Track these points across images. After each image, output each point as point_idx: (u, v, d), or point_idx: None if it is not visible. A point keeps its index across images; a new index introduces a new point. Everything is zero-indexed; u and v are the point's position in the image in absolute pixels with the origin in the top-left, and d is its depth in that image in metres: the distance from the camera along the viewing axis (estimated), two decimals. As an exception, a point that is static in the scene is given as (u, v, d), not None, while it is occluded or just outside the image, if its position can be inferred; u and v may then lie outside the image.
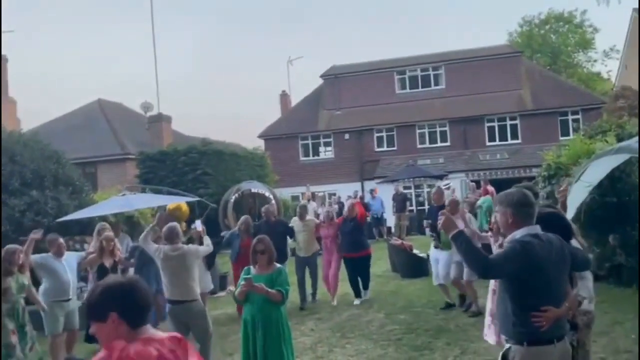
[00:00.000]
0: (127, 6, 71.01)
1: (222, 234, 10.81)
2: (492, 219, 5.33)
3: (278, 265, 4.91)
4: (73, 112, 24.80)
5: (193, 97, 64.67)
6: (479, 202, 12.74)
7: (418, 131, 24.48)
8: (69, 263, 6.56)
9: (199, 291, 5.88)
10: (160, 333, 2.02)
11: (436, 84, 25.70)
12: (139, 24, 59.35)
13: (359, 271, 8.72)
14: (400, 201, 17.10)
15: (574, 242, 3.48)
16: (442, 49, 27.16)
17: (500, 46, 27.62)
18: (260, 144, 25.78)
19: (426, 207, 21.89)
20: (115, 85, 60.84)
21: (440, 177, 19.02)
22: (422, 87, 25.69)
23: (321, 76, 27.24)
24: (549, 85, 24.47)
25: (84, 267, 7.16)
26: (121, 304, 1.93)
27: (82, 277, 7.89)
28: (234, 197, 16.16)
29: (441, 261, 7.73)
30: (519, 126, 23.63)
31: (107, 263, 6.86)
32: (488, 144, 23.73)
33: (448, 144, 24.06)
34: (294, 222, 9.09)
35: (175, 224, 5.98)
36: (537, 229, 2.91)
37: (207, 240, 6.53)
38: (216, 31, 72.99)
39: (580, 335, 3.64)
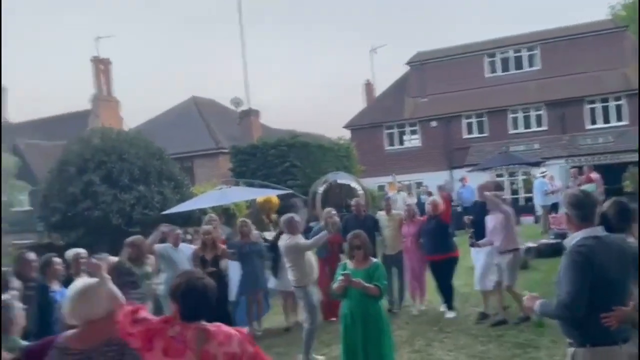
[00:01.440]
0: (217, 5, 73.85)
1: (311, 224, 10.99)
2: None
3: (374, 260, 4.93)
4: (170, 110, 26.29)
5: (278, 89, 66.21)
6: (581, 191, 11.96)
7: (510, 116, 23.37)
8: (184, 253, 6.92)
9: (305, 280, 6.18)
10: (198, 326, 2.42)
11: (531, 65, 24.33)
12: (228, 25, 61.53)
13: (439, 278, 7.59)
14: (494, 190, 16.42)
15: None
16: (536, 28, 25.57)
17: (602, 21, 25.42)
18: (345, 134, 25.90)
19: (521, 195, 20.97)
20: (207, 82, 63.72)
21: (537, 164, 18.06)
22: (514, 70, 24.43)
23: (407, 63, 26.78)
24: (659, 61, 22.31)
25: (193, 259, 7.41)
26: (180, 301, 2.46)
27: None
28: (321, 189, 16.38)
29: (478, 264, 7.12)
30: (624, 107, 21.82)
31: (208, 256, 6.95)
32: (589, 127, 22.13)
33: (544, 128, 22.74)
34: (380, 216, 8.40)
35: (293, 215, 6.50)
36: (598, 230, 2.89)
37: (320, 235, 6.57)
38: (300, 23, 73.99)
39: None
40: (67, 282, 5.54)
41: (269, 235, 9.03)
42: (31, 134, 26.50)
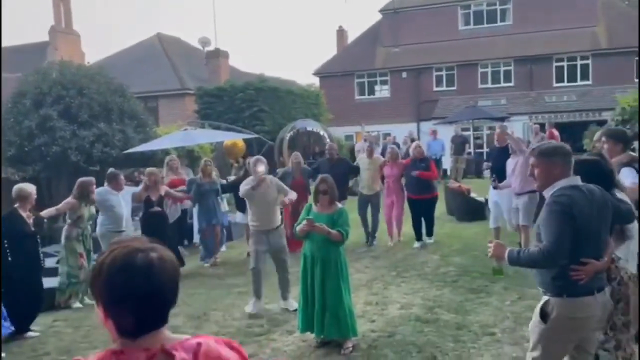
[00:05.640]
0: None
1: (277, 171, 10.99)
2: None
3: (339, 205, 4.94)
4: (134, 46, 25.23)
5: (249, 32, 64.22)
6: (542, 147, 12.23)
7: (480, 70, 23.45)
8: (124, 197, 6.94)
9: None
10: (154, 342, 1.30)
11: (502, 19, 24.25)
12: (195, -44, 58.54)
13: (424, 214, 8.47)
14: (460, 144, 16.71)
15: (618, 194, 3.29)
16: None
17: (576, -22, 25.46)
18: (316, 80, 25.54)
19: (485, 150, 21.36)
20: (173, 20, 61.15)
21: (502, 119, 18.33)
22: (487, 23, 24.33)
23: (380, 10, 26.26)
24: (627, 21, 22.50)
25: (136, 201, 7.43)
26: (108, 303, 1.28)
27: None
28: (289, 135, 16.29)
29: (503, 205, 7.49)
30: (590, 66, 22.17)
31: (153, 196, 7.20)
32: (555, 85, 22.49)
33: (512, 84, 22.99)
34: (361, 159, 9.07)
35: (261, 158, 6.28)
36: (577, 180, 2.83)
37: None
38: (272, -37, 70.98)
39: (624, 289, 3.49)
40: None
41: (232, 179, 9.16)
42: (-16, 64, 25.11)
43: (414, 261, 7.58)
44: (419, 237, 8.48)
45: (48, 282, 6.08)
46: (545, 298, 2.85)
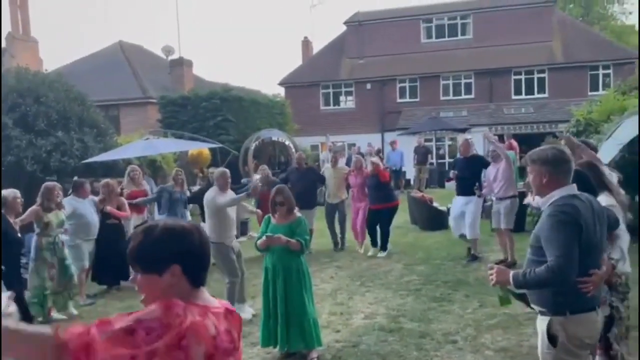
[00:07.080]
0: (146, -56, 69.10)
1: (242, 181, 10.92)
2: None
3: (298, 215, 4.91)
4: (95, 54, 24.69)
5: (214, 41, 63.80)
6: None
7: (442, 82, 23.96)
8: (91, 205, 6.82)
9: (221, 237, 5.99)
10: (214, 301, 1.61)
11: (463, 33, 24.88)
12: (159, -36, 57.93)
13: (380, 223, 8.55)
14: (423, 154, 16.98)
15: (603, 200, 3.30)
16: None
17: (533, -5, 26.39)
18: (281, 91, 25.56)
19: (447, 160, 21.76)
20: (136, 28, 60.22)
21: (463, 130, 18.74)
22: (448, 37, 24.91)
23: (345, 22, 26.54)
24: (581, 37, 23.54)
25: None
26: (186, 255, 1.55)
27: None
28: (254, 145, 16.23)
29: (468, 215, 7.58)
30: (547, 80, 22.96)
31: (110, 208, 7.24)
32: (514, 97, 23.17)
33: (472, 96, 23.56)
34: (326, 169, 9.37)
35: (226, 170, 6.25)
36: (574, 188, 2.64)
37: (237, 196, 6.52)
38: (237, -27, 70.92)
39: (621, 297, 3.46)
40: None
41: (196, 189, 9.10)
42: None
43: (377, 270, 7.63)
44: (374, 244, 8.63)
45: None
46: (544, 319, 2.63)
